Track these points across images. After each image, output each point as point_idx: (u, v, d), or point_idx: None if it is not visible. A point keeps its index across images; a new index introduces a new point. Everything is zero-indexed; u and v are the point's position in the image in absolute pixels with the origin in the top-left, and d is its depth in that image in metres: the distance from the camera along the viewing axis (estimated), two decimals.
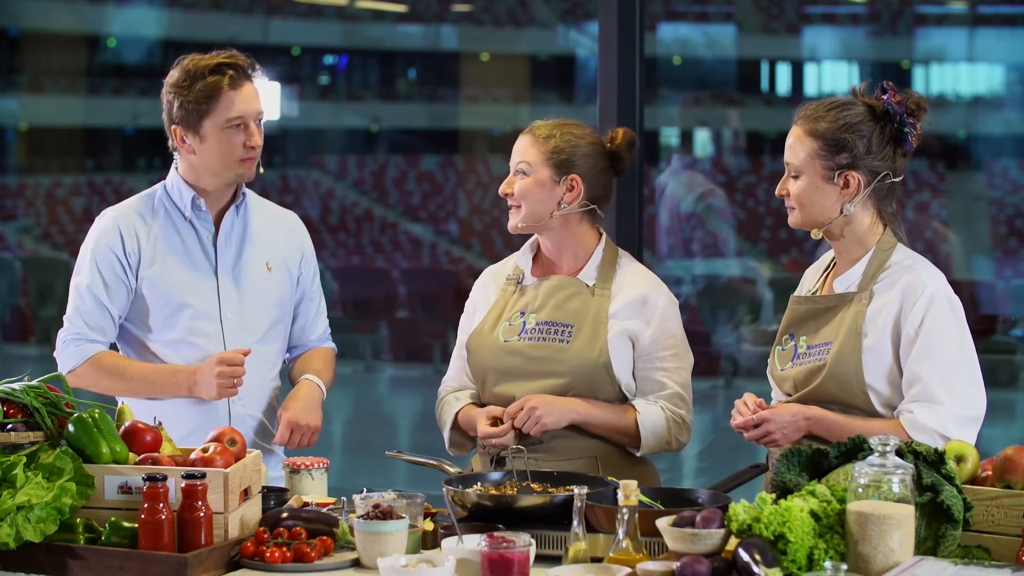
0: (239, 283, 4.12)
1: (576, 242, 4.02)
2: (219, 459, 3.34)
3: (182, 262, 4.10)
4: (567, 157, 3.96)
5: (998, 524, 3.12)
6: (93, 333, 4.08)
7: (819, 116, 3.67)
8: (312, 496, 3.63)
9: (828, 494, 2.99)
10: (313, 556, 3.25)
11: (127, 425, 3.47)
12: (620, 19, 5.14)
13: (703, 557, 2.93)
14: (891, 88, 3.66)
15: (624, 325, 3.95)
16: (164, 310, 4.08)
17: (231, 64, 4.06)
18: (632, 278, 4.01)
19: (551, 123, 4.01)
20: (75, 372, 4.05)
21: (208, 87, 4.02)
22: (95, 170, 23.26)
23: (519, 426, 3.86)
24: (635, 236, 5.10)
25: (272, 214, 4.25)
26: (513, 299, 4.04)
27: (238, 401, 4.09)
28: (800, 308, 3.77)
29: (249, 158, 4.07)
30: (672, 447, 3.98)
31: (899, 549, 2.89)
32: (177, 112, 4.06)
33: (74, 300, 4.11)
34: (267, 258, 4.17)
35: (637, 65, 5.13)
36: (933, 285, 3.63)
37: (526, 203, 3.97)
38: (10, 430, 3.39)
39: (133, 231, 4.10)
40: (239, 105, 4.05)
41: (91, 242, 4.13)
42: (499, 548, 2.98)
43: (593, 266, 4.01)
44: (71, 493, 3.25)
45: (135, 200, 4.18)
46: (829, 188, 3.66)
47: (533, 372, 3.95)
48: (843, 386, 3.62)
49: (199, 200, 4.12)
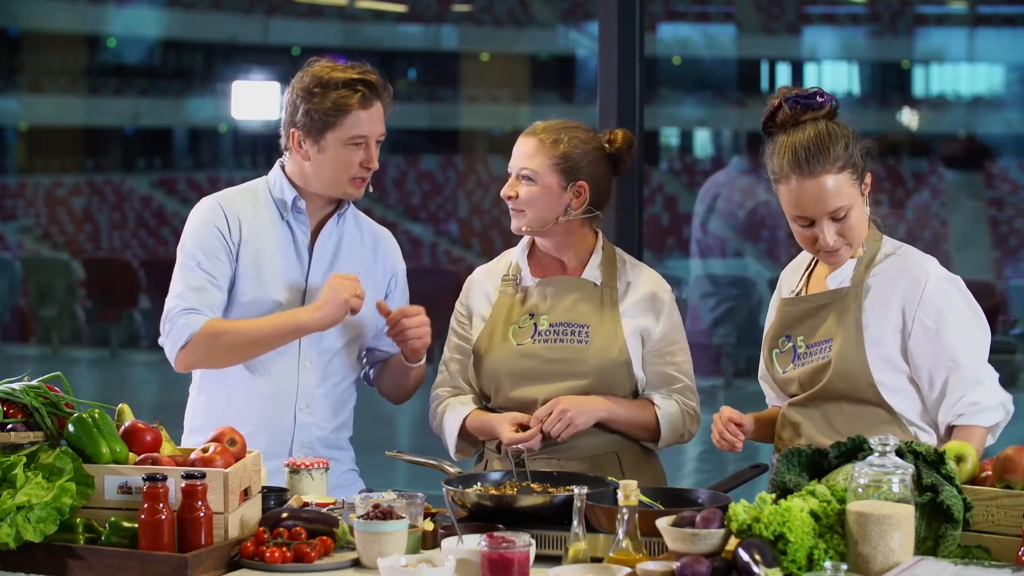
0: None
1: (577, 243, 4.01)
2: (219, 459, 3.34)
3: (276, 258, 4.03)
4: (575, 163, 3.92)
5: (998, 524, 3.12)
6: (201, 307, 3.94)
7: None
8: (312, 496, 3.63)
9: (828, 494, 2.99)
10: (313, 556, 3.25)
11: (127, 425, 3.47)
12: (620, 19, 5.14)
13: (703, 557, 2.93)
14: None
15: (636, 323, 3.95)
16: (251, 302, 4.00)
17: (364, 81, 3.98)
18: (638, 276, 4.01)
19: (556, 126, 3.96)
20: (187, 348, 3.92)
21: (339, 100, 3.95)
22: (95, 170, 23.28)
23: (549, 430, 3.84)
24: (635, 236, 5.10)
25: (370, 230, 4.18)
26: (517, 300, 4.02)
27: (304, 409, 4.04)
28: (793, 309, 3.76)
29: (362, 178, 4.02)
30: (685, 439, 4.00)
31: (899, 549, 2.90)
32: (301, 117, 3.98)
33: (181, 280, 3.97)
34: (357, 272, 4.05)
35: (637, 65, 5.13)
36: (934, 270, 3.66)
37: (532, 210, 3.93)
38: (10, 430, 3.38)
39: (236, 216, 4.02)
40: (365, 124, 3.98)
41: (196, 224, 4.02)
42: (499, 548, 2.98)
43: (595, 265, 4.01)
44: (71, 493, 3.25)
45: (237, 190, 4.11)
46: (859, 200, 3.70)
47: (553, 374, 3.93)
48: (850, 381, 3.63)
49: (300, 202, 4.06)
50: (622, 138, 4.00)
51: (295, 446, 4.02)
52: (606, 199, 4.01)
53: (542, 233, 3.98)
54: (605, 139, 4.00)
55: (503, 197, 3.96)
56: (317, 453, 4.01)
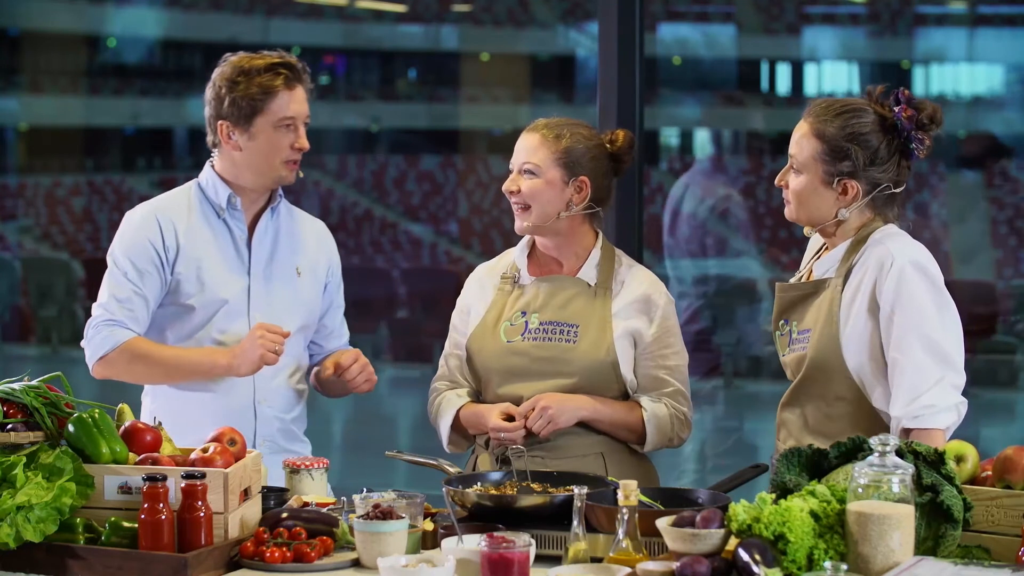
0: (269, 285, 4.11)
1: (576, 242, 4.02)
2: (219, 459, 3.34)
3: (216, 260, 4.08)
4: (577, 158, 3.96)
5: (998, 524, 3.12)
6: (128, 320, 4.02)
7: (828, 119, 3.65)
8: (312, 496, 3.63)
9: (828, 494, 2.99)
10: (313, 556, 3.26)
11: (127, 425, 3.47)
12: (620, 19, 5.14)
13: (703, 557, 2.93)
14: (904, 100, 3.63)
15: (628, 324, 3.95)
16: (193, 307, 4.06)
17: (286, 64, 4.06)
18: (633, 277, 4.02)
19: (558, 122, 4.00)
20: (106, 359, 4.00)
21: (264, 84, 4.02)
22: (95, 170, 23.25)
23: (531, 426, 3.87)
24: (635, 236, 5.10)
25: (303, 221, 4.25)
26: (512, 298, 4.04)
27: (263, 403, 4.09)
28: (785, 296, 3.77)
29: (294, 160, 4.08)
30: (674, 443, 4.00)
31: (899, 549, 2.89)
32: (228, 108, 4.03)
33: (109, 289, 4.04)
34: (298, 263, 4.17)
35: (637, 65, 5.14)
36: (900, 256, 3.58)
37: (536, 204, 3.96)
38: (10, 430, 3.39)
39: (171, 225, 4.07)
40: (292, 106, 4.05)
41: (128, 234, 4.09)
42: (499, 548, 2.98)
43: (592, 265, 4.02)
44: (71, 493, 3.25)
45: (169, 196, 4.17)
46: (827, 192, 3.66)
47: (540, 372, 3.95)
48: (826, 374, 3.62)
49: (235, 199, 4.11)
50: (623, 138, 4.03)
51: (257, 440, 4.06)
52: (607, 197, 4.02)
53: (544, 230, 3.99)
54: (607, 139, 4.03)
55: (505, 192, 3.99)
56: (279, 446, 4.09)
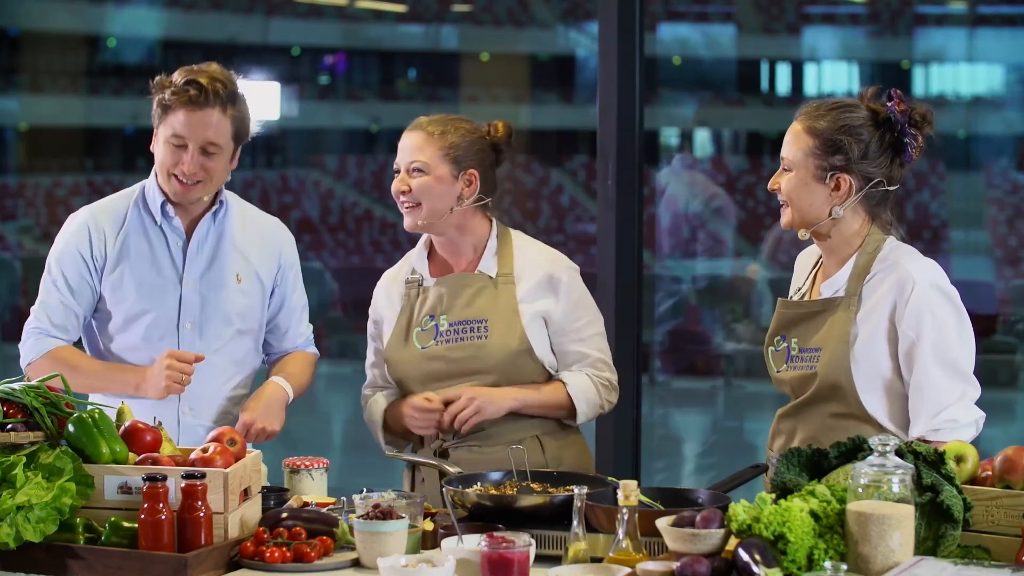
0: (204, 293, 4.09)
1: (471, 233, 4.06)
2: (219, 459, 3.34)
3: (147, 268, 4.09)
4: (463, 152, 4.00)
5: (998, 524, 3.12)
6: (55, 329, 4.08)
7: (820, 115, 3.66)
8: (312, 496, 3.63)
9: (828, 494, 2.99)
10: (313, 556, 3.26)
11: (127, 425, 3.47)
12: (620, 19, 5.14)
13: (703, 557, 2.93)
14: (897, 96, 3.64)
15: (535, 307, 3.99)
16: (123, 315, 4.08)
17: (198, 84, 3.97)
18: (532, 259, 4.05)
19: (440, 119, 4.04)
20: (33, 365, 4.06)
21: (168, 98, 4.00)
22: (95, 170, 23.25)
23: (456, 414, 3.90)
24: (635, 236, 5.10)
25: (254, 223, 4.20)
26: (419, 303, 4.06)
27: (188, 412, 4.07)
28: (788, 312, 3.76)
29: (180, 180, 4.02)
30: (605, 409, 4.06)
31: (899, 549, 2.89)
32: (152, 112, 4.06)
33: (41, 295, 4.11)
34: (238, 269, 4.12)
35: (637, 65, 5.14)
36: (921, 279, 3.59)
37: (426, 201, 3.98)
38: (10, 430, 3.39)
39: (102, 233, 4.09)
40: (185, 127, 3.98)
41: (62, 241, 4.12)
42: (499, 548, 2.98)
43: (491, 255, 4.05)
44: (71, 493, 3.25)
45: (111, 200, 4.17)
46: (819, 188, 3.66)
47: (458, 373, 3.98)
48: (836, 392, 3.61)
49: (168, 206, 4.10)
50: (502, 128, 4.08)
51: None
52: (494, 187, 4.08)
53: (437, 227, 4.02)
54: (485, 130, 4.07)
55: (394, 194, 4.03)
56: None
